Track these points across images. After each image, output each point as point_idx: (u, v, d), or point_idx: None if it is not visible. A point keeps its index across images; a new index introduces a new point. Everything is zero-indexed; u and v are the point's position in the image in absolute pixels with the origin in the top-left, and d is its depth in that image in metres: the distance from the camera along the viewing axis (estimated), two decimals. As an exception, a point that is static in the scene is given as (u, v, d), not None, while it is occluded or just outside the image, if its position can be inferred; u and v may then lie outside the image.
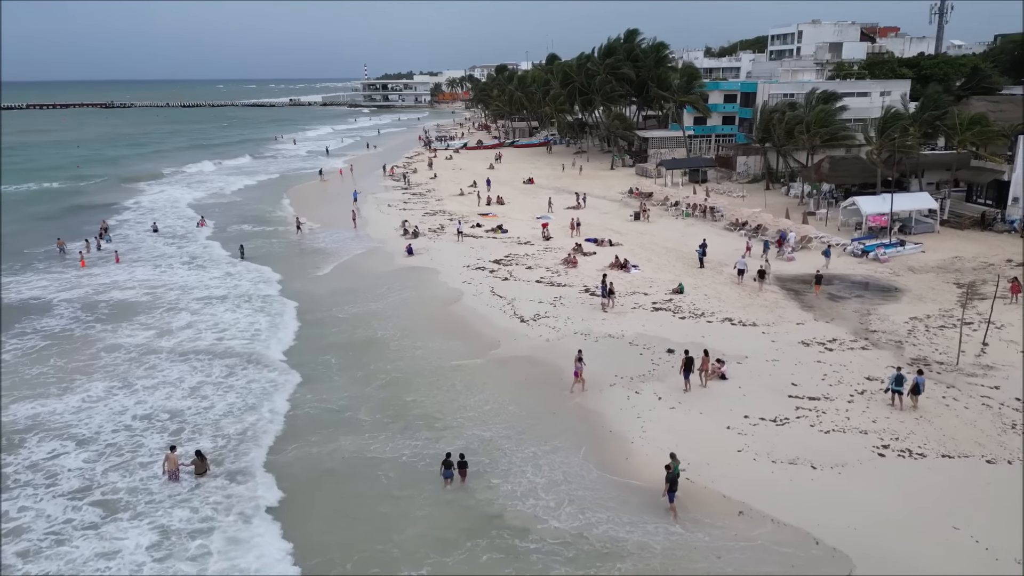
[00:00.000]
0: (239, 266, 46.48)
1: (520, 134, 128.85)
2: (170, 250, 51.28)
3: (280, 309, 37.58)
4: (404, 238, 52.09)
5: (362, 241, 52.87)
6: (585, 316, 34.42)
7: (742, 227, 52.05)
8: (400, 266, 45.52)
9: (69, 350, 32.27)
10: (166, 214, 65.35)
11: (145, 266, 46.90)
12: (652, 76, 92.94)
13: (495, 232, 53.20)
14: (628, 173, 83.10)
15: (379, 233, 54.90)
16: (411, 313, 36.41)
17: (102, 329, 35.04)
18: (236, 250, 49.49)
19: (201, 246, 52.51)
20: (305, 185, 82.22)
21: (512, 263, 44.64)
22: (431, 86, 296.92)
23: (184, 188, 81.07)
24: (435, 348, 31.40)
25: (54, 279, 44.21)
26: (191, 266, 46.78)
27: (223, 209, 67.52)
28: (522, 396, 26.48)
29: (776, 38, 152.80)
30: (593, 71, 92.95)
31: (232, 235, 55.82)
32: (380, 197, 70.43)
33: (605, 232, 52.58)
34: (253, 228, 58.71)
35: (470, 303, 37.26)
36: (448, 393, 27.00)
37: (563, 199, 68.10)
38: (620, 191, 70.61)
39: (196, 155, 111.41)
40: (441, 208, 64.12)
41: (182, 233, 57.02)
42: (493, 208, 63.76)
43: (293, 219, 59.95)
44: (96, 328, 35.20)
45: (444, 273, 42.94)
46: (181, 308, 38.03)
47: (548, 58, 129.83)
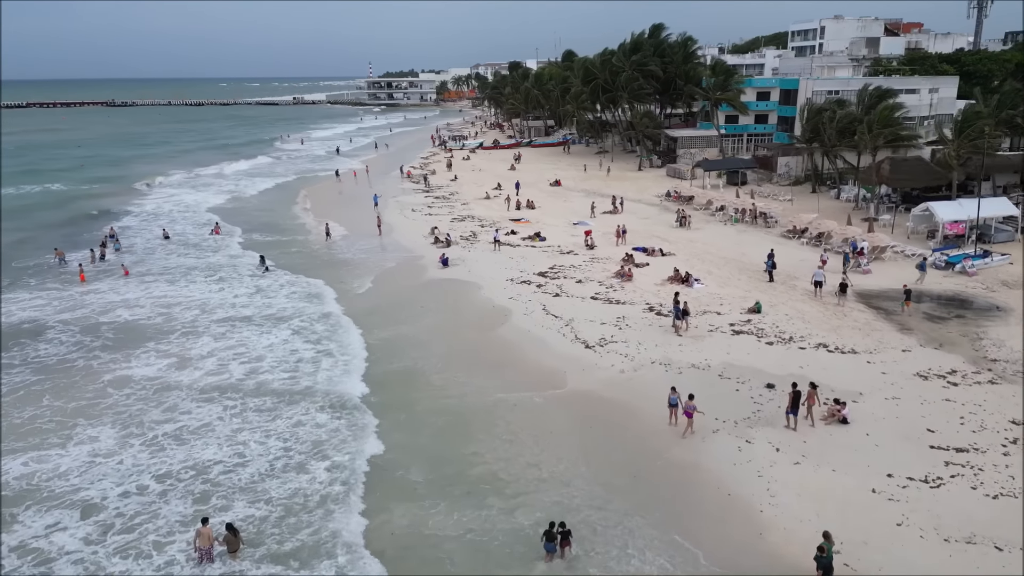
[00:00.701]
0: (266, 279, 42.10)
1: (536, 133, 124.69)
2: (186, 261, 46.93)
3: (324, 331, 33.19)
4: (436, 247, 48.00)
5: (391, 250, 48.75)
6: (658, 340, 30.29)
7: (801, 234, 47.91)
8: (435, 279, 41.39)
9: (68, 386, 27.83)
10: (177, 219, 61.17)
11: (157, 280, 42.49)
12: (680, 73, 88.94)
13: (533, 240, 49.08)
14: (658, 174, 78.96)
15: (407, 241, 50.80)
16: (454, 337, 32.25)
17: (108, 359, 30.55)
18: (266, 260, 45.35)
19: (223, 255, 48.18)
20: (322, 187, 78.14)
21: (559, 276, 40.51)
22: (436, 84, 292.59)
23: (197, 191, 76.70)
24: (486, 382, 27.17)
25: (51, 297, 39.48)
26: (211, 279, 42.36)
27: (242, 215, 63.08)
28: (603, 446, 22.37)
29: (797, 34, 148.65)
30: (618, 68, 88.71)
31: (255, 243, 51.65)
32: (402, 201, 66.30)
33: (651, 240, 48.50)
34: (275, 237, 53.85)
35: (521, 324, 33.14)
36: (511, 444, 22.75)
37: (596, 203, 64.05)
38: (656, 194, 66.47)
39: (207, 156, 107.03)
40: (469, 213, 59.99)
41: (196, 241, 52.80)
42: (524, 213, 59.64)
43: (317, 225, 56.22)
44: (101, 358, 30.70)
45: (486, 288, 38.81)
46: (202, 331, 33.62)
47: (564, 55, 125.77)
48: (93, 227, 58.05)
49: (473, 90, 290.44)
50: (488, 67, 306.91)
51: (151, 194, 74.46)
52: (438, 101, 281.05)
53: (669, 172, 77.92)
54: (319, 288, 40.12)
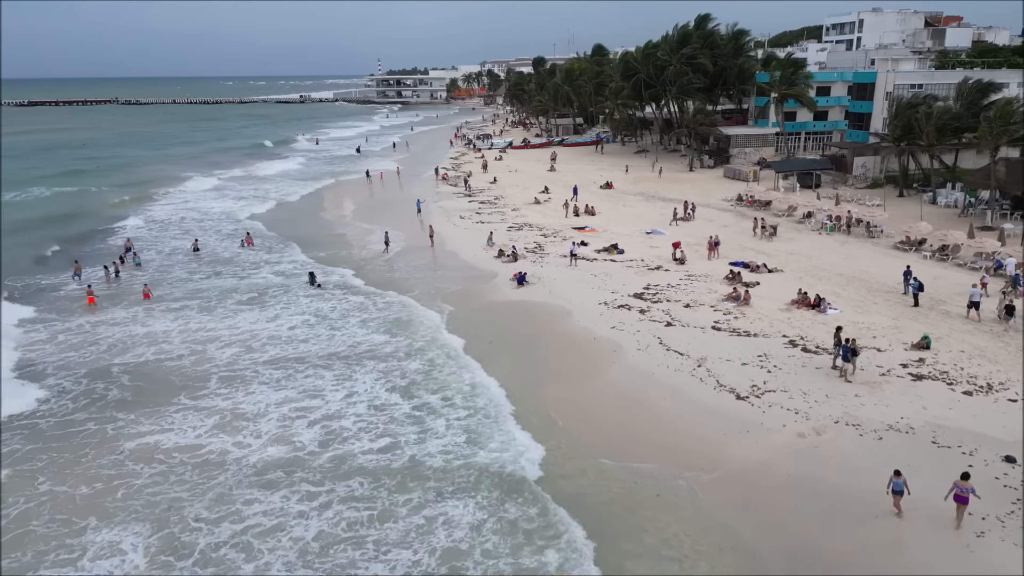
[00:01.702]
0: (326, 302, 35.95)
1: (564, 132, 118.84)
2: (221, 281, 40.36)
3: (418, 374, 26.82)
4: (502, 261, 42.27)
5: (453, 265, 42.94)
6: (825, 388, 24.52)
7: (918, 246, 42.11)
8: (514, 301, 35.60)
9: (72, 462, 21.31)
10: (207, 229, 54.93)
11: (187, 306, 36.04)
12: (731, 67, 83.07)
13: (610, 253, 43.30)
14: (713, 176, 73.17)
15: (466, 253, 45.01)
16: (553, 379, 26.49)
17: (127, 419, 23.89)
18: (316, 278, 39.60)
19: (267, 272, 42.00)
20: (355, 190, 72.42)
21: (660, 298, 34.73)
22: (447, 82, 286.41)
23: (223, 196, 70.35)
24: (613, 458, 20.78)
25: (53, 329, 32.65)
26: (255, 304, 36.01)
27: (283, 223, 56.69)
28: (809, 558, 16.55)
29: (832, 28, 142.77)
30: (664, 61, 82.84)
31: (301, 256, 45.88)
32: (446, 207, 60.48)
33: (743, 252, 42.79)
34: (326, 251, 47.11)
35: (638, 363, 27.36)
36: (662, 560, 16.57)
37: (655, 208, 58.34)
38: (723, 198, 60.69)
39: (228, 157, 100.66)
40: (523, 220, 54.15)
41: (228, 255, 46.62)
42: (585, 220, 53.84)
43: (366, 234, 51.04)
44: (117, 419, 23.91)
45: (578, 313, 33.02)
46: (250, 377, 27.21)
47: (594, 49, 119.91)
48: (108, 237, 52.37)
49: (484, 87, 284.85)
50: (498, 64, 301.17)
51: (171, 200, 68.21)
52: (448, 99, 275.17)
53: (727, 173, 72.11)
54: (395, 313, 34.23)
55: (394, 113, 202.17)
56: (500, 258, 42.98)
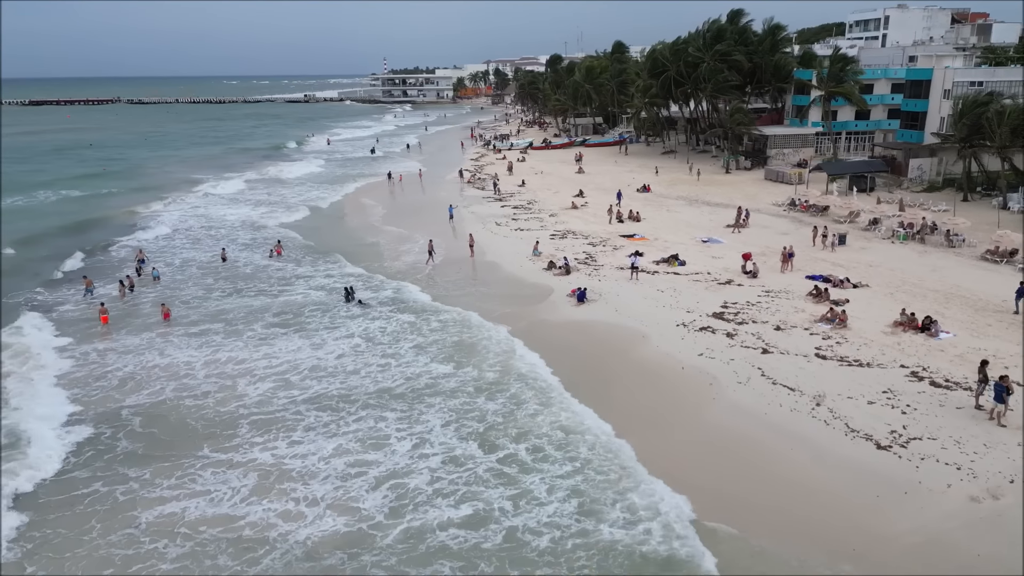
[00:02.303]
0: (375, 322, 32.09)
1: (583, 131, 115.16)
2: (251, 300, 35.95)
3: (498, 417, 22.60)
4: (552, 274, 38.63)
5: (501, 279, 39.15)
6: (979, 435, 20.82)
7: (1008, 258, 38.45)
8: (576, 320, 31.93)
9: (74, 541, 17.21)
10: (234, 238, 50.79)
11: (211, 327, 31.94)
12: (766, 63, 79.45)
13: (670, 264, 39.63)
14: (752, 178, 69.51)
15: (511, 264, 41.33)
16: (647, 420, 22.86)
17: (141, 478, 19.73)
18: (355, 293, 35.91)
19: (302, 288, 37.81)
20: (380, 193, 68.65)
21: (744, 318, 31.07)
22: (453, 81, 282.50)
23: (247, 202, 65.94)
24: (737, 527, 17.38)
25: (59, 359, 28.51)
26: (291, 326, 31.95)
27: (316, 231, 52.86)
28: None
29: (856, 24, 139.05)
30: (697, 58, 79.24)
31: (337, 267, 42.15)
32: (478, 212, 56.77)
33: (814, 264, 39.17)
34: (365, 263, 42.80)
35: (741, 400, 23.69)
36: None
37: (701, 213, 54.73)
38: (772, 202, 57.04)
39: (245, 160, 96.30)
40: (565, 227, 50.46)
41: (255, 268, 42.67)
42: (630, 226, 50.20)
43: (402, 242, 47.59)
44: (129, 477, 19.78)
45: (655, 337, 29.36)
46: (293, 420, 22.88)
47: (615, 46, 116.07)
48: (121, 247, 48.70)
49: (490, 86, 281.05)
50: (502, 64, 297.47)
51: (190, 205, 63.91)
52: (455, 98, 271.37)
53: (768, 176, 68.44)
54: (452, 334, 30.45)
55: (407, 113, 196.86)
56: (551, 271, 39.32)
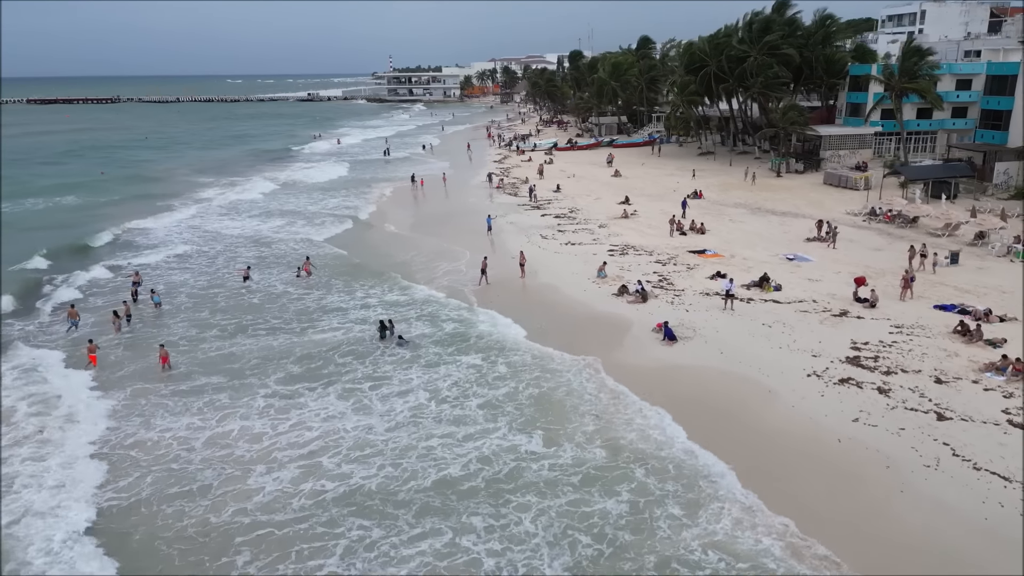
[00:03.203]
0: (427, 369, 26.03)
1: (608, 131, 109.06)
2: (270, 340, 29.36)
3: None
4: (625, 301, 32.58)
5: (562, 305, 33.01)
6: None
7: None
8: (674, 366, 25.84)
9: None
10: (255, 253, 44.51)
11: (215, 383, 25.38)
12: (819, 57, 73.43)
13: (763, 289, 33.56)
14: (808, 182, 63.39)
15: (571, 287, 35.19)
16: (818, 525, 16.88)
17: None
18: (395, 327, 29.67)
19: (335, 323, 31.36)
20: (408, 201, 62.48)
21: (887, 365, 24.98)
22: (460, 79, 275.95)
23: (259, 212, 58.48)
24: None
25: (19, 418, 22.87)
26: (320, 378, 25.66)
27: (353, 245, 46.56)
28: None
29: (889, 20, 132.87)
30: (742, 52, 73.20)
31: (374, 293, 35.75)
32: (517, 223, 50.65)
33: (933, 288, 33.15)
34: (398, 286, 36.48)
35: (944, 497, 17.70)
36: None
37: (769, 223, 48.71)
38: (845, 211, 50.97)
39: (261, 162, 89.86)
40: (622, 241, 44.35)
41: (279, 290, 36.52)
42: (693, 239, 44.17)
43: (446, 259, 41.58)
44: None
45: (784, 392, 23.31)
46: (318, 534, 16.62)
47: (640, 41, 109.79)
48: (114, 263, 42.65)
49: (498, 85, 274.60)
50: (506, 62, 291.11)
51: (201, 215, 57.26)
52: (462, 97, 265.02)
53: (828, 180, 62.33)
54: (529, 383, 24.37)
55: (422, 113, 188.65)
56: (622, 297, 33.26)
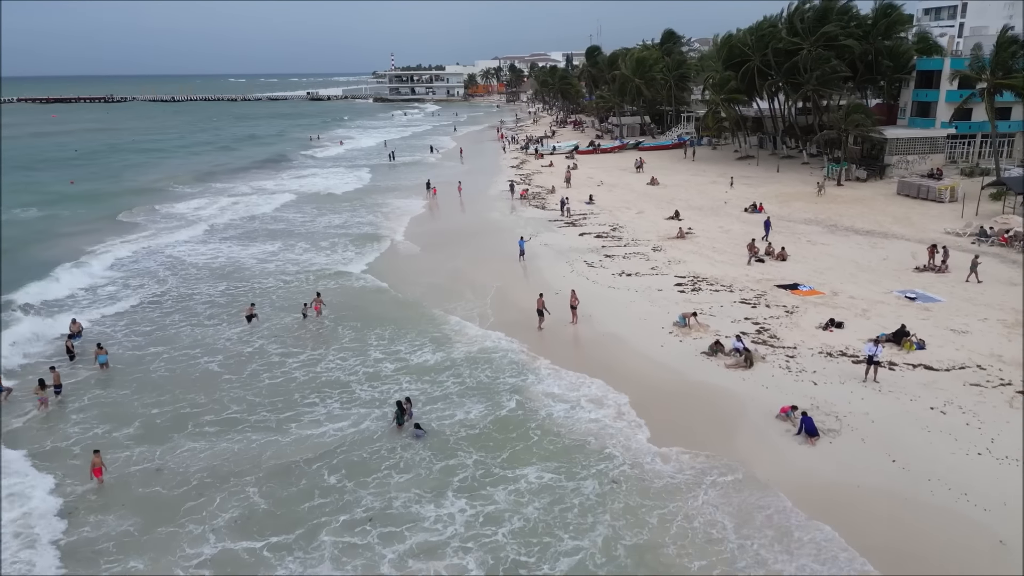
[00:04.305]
0: (488, 499, 17.66)
1: (630, 132, 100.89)
2: (255, 443, 20.70)
3: None
4: (724, 365, 24.39)
5: (635, 369, 24.72)
6: None
7: None
8: (829, 483, 17.66)
9: None
10: (258, 288, 35.78)
11: (173, 516, 17.65)
12: (880, 50, 65.24)
13: (905, 347, 25.36)
14: (878, 192, 55.23)
15: (642, 340, 26.90)
16: None
17: None
18: (412, 410, 21.56)
19: (350, 401, 22.95)
20: (417, 215, 53.91)
21: None
22: (464, 78, 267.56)
23: (234, 235, 48.09)
24: None
25: None
26: (306, 522, 17.34)
27: (376, 281, 36.82)
28: None
29: (926, 13, 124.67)
30: (792, 44, 65.11)
31: (407, 343, 27.77)
32: (553, 244, 42.44)
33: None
34: (425, 335, 28.36)
35: None
36: None
37: (856, 246, 40.53)
38: (943, 229, 42.81)
39: (254, 169, 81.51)
40: (688, 270, 36.08)
41: (279, 343, 28.27)
42: (774, 268, 35.99)
43: (464, 288, 33.65)
44: None
45: (1014, 541, 15.19)
46: None
47: (665, 35, 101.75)
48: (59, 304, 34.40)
49: (503, 84, 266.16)
50: (515, 60, 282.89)
51: (176, 236, 47.68)
52: (466, 96, 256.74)
53: (903, 190, 54.13)
54: (640, 526, 16.30)
55: (429, 114, 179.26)
56: (716, 357, 25.10)
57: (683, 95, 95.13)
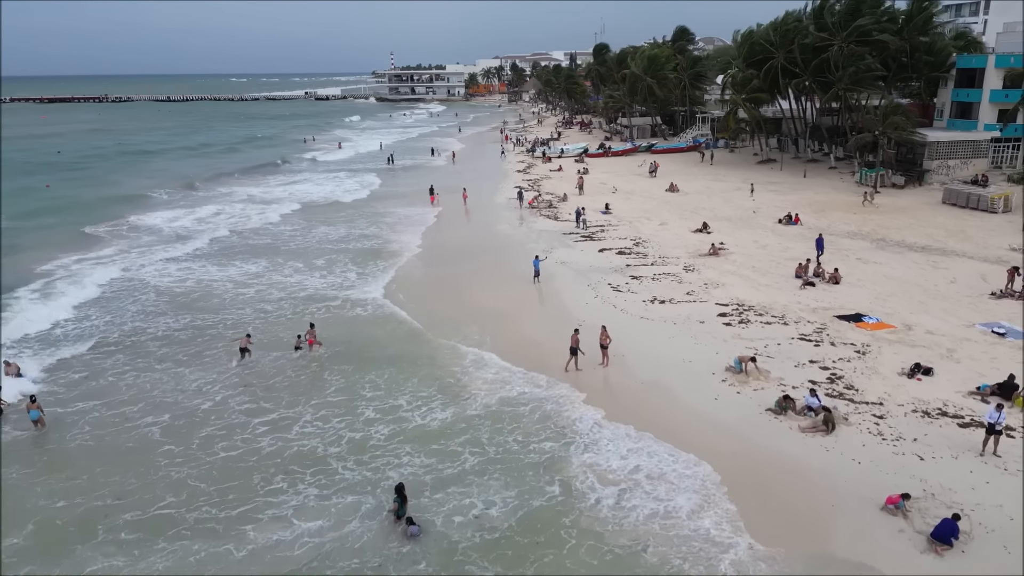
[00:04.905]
0: None
1: (640, 134, 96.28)
2: (221, 547, 15.70)
3: None
4: (799, 428, 19.74)
5: (691, 432, 20.08)
6: None
7: None
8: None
9: None
10: (218, 320, 30.83)
11: None
12: (916, 46, 60.68)
13: (1014, 403, 20.74)
14: (919, 201, 50.68)
15: (693, 392, 22.18)
16: None
17: None
18: (476, 501, 16.98)
19: (323, 483, 18.01)
20: (422, 228, 48.58)
21: None
22: (465, 77, 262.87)
23: (236, 257, 41.88)
24: None
25: None
26: None
27: (374, 308, 32.91)
28: None
29: (946, 9, 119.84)
30: (822, 40, 60.57)
31: (409, 392, 23.06)
32: (570, 262, 37.71)
33: None
34: (438, 387, 23.22)
35: None
36: None
37: (913, 264, 35.91)
38: (1009, 245, 38.23)
39: (241, 173, 76.85)
40: (731, 296, 31.43)
41: (266, 387, 23.80)
42: (829, 292, 31.36)
43: (471, 320, 28.31)
44: None
45: None
46: None
47: (677, 32, 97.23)
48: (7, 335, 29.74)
49: (504, 83, 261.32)
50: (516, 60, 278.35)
51: (156, 253, 42.37)
52: (467, 95, 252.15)
53: (949, 198, 49.55)
54: None
55: (438, 115, 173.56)
56: (785, 415, 20.47)
57: (698, 95, 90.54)
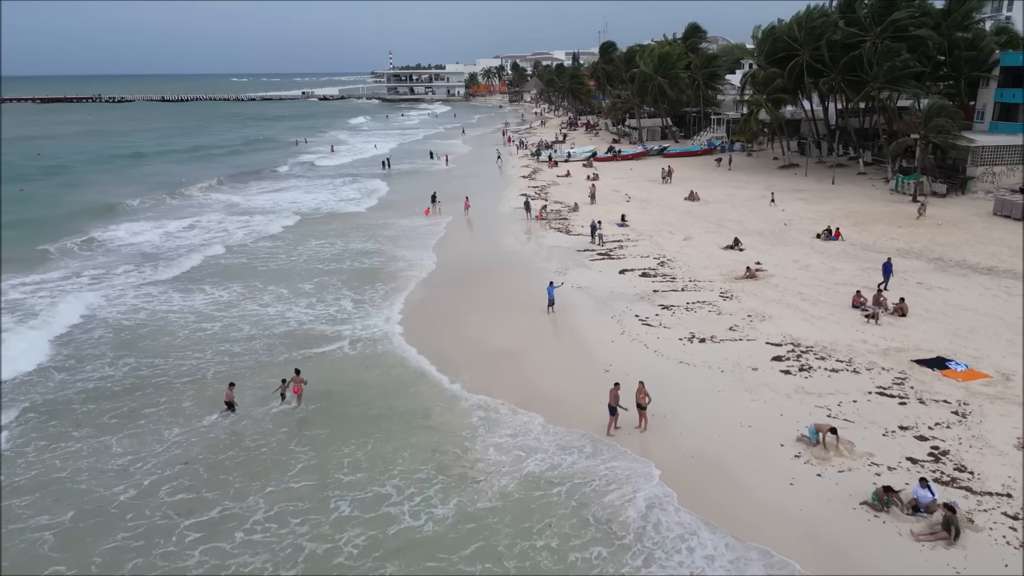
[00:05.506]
0: None
1: (650, 136, 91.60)
2: None
3: None
4: (913, 531, 15.01)
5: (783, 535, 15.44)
6: None
7: None
8: None
9: None
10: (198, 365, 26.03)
11: None
12: (955, 42, 56.15)
13: None
14: (967, 212, 46.08)
15: (747, 464, 17.46)
16: None
17: None
18: None
19: None
20: (424, 242, 43.50)
21: None
22: (465, 77, 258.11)
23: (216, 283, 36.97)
24: None
25: None
26: None
27: (366, 349, 28.14)
28: None
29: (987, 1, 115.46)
30: (853, 36, 56.00)
31: (407, 471, 18.47)
32: (589, 288, 32.82)
33: None
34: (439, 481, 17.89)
35: None
36: None
37: (987, 292, 31.17)
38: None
39: (227, 178, 71.92)
40: (782, 332, 26.67)
41: (250, 447, 19.14)
42: (897, 328, 26.67)
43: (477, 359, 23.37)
44: None
45: None
46: None
47: (688, 30, 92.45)
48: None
49: (505, 83, 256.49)
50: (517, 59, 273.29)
51: (133, 278, 36.69)
52: (467, 96, 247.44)
53: (1001, 210, 44.93)
54: None
55: (432, 117, 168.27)
56: (887, 513, 15.76)
57: (712, 95, 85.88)
